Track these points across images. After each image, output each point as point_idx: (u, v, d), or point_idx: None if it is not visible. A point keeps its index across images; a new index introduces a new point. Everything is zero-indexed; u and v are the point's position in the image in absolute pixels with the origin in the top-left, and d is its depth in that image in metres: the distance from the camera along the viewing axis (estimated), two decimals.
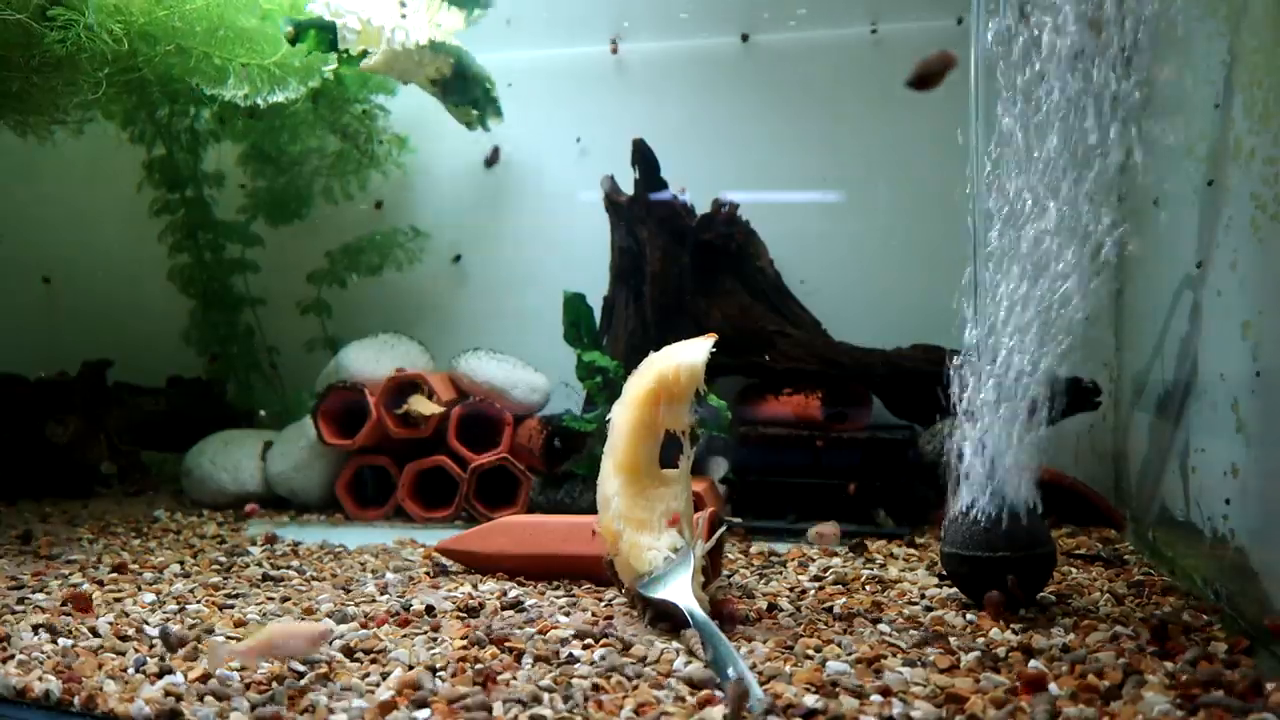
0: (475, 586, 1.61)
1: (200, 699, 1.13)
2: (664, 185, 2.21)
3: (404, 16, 2.08)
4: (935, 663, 1.21)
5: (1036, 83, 1.35)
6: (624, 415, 1.46)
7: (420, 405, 2.18)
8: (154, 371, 2.66)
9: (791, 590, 1.58)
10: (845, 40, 2.37)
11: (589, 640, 1.31)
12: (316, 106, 2.37)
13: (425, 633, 1.36)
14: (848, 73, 2.37)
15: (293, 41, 2.04)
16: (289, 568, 1.76)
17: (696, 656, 1.23)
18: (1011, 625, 1.35)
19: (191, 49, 1.97)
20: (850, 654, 1.24)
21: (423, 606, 1.47)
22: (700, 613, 1.30)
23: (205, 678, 1.19)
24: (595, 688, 1.14)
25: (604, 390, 2.07)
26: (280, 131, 2.48)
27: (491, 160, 2.54)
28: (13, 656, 1.27)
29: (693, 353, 1.42)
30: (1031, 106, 1.36)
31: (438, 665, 1.22)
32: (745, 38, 2.42)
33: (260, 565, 1.78)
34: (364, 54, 2.11)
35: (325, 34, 2.07)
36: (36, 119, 2.08)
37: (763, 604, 1.48)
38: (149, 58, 1.94)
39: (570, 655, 1.25)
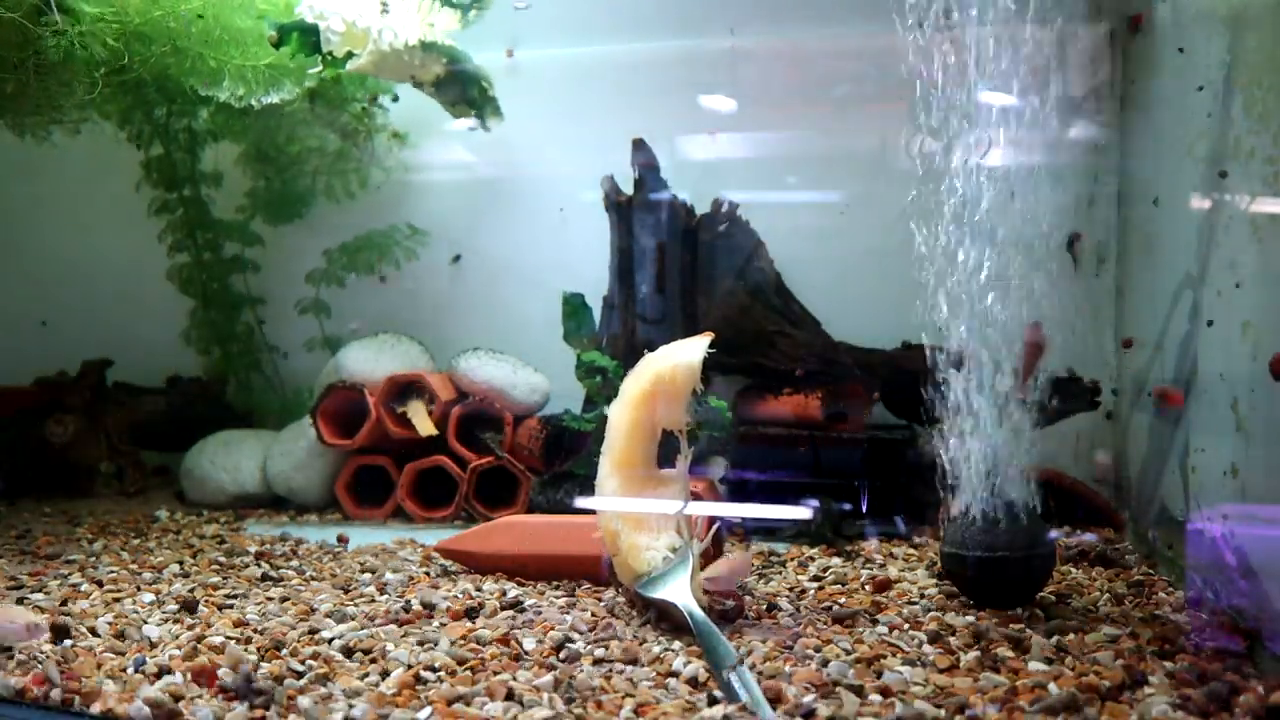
0: (478, 587, 1.61)
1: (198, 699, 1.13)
2: (664, 185, 2.21)
3: (385, 12, 2.07)
4: (935, 663, 1.21)
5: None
6: (621, 414, 1.46)
7: (418, 417, 2.18)
8: (154, 371, 2.66)
9: (791, 590, 1.58)
10: (845, 41, 2.37)
11: (589, 640, 1.31)
12: (314, 105, 2.37)
13: (425, 633, 1.36)
14: (848, 73, 2.37)
15: (276, 45, 2.04)
16: (288, 567, 1.76)
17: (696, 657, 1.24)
18: (1011, 625, 1.35)
19: (186, 49, 1.97)
20: (850, 654, 1.24)
21: (422, 606, 1.47)
22: (700, 612, 1.30)
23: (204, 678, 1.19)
24: (595, 688, 1.14)
25: (603, 390, 2.07)
26: (278, 131, 2.48)
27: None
28: (13, 656, 1.27)
29: (689, 352, 1.42)
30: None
31: (437, 665, 1.22)
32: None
33: (259, 565, 1.78)
34: (349, 56, 2.10)
35: (308, 37, 2.06)
36: (33, 119, 2.09)
37: (763, 604, 1.48)
38: (145, 58, 1.94)
39: (570, 655, 1.25)
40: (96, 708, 1.13)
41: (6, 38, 1.74)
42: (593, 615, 1.43)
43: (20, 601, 1.52)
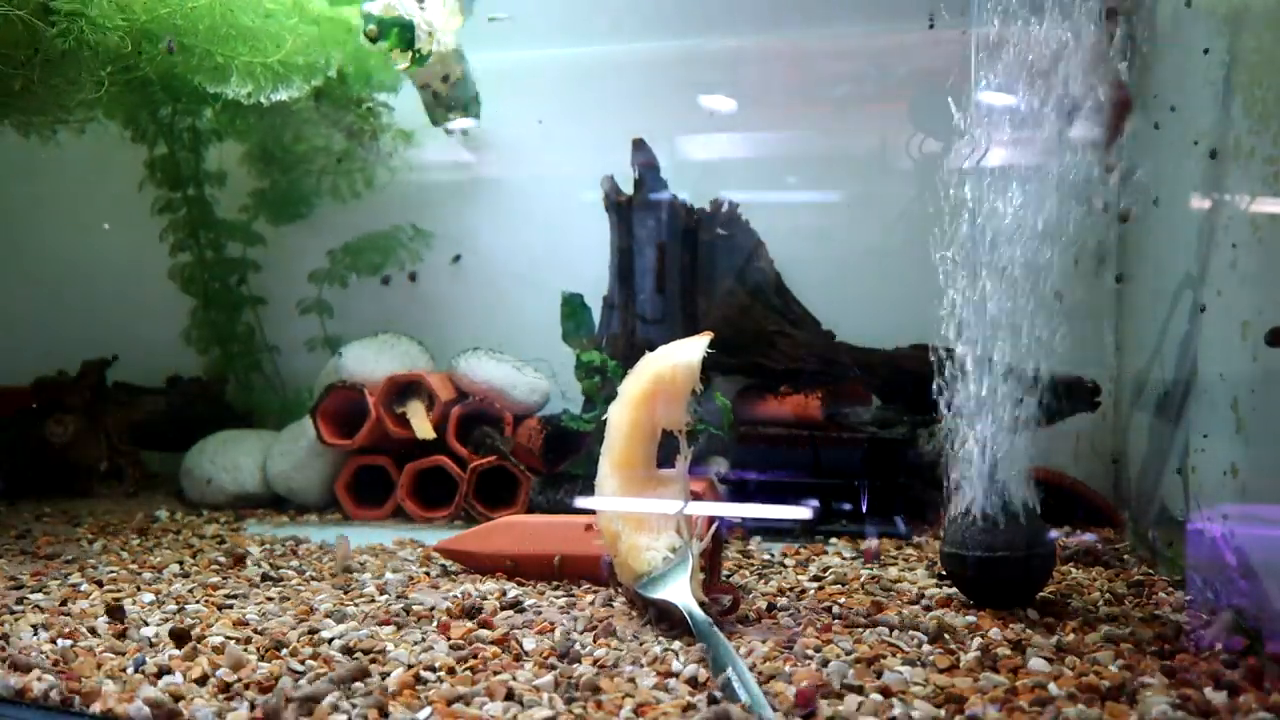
0: (476, 587, 1.61)
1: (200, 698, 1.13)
2: (664, 185, 2.21)
3: (421, 8, 2.09)
4: (935, 663, 1.21)
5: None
6: (621, 415, 1.46)
7: (417, 418, 2.18)
8: (154, 371, 2.66)
9: (791, 590, 1.58)
10: (844, 41, 2.37)
11: (589, 640, 1.31)
12: (320, 105, 2.37)
13: (425, 633, 1.36)
14: (846, 73, 2.38)
15: (374, 40, 2.06)
16: (288, 567, 1.76)
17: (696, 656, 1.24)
18: (1011, 625, 1.35)
19: (194, 47, 1.97)
20: (850, 654, 1.24)
21: (422, 607, 1.47)
22: (700, 613, 1.30)
23: (204, 678, 1.19)
24: (595, 688, 1.14)
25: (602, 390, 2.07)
26: (284, 130, 2.49)
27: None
28: (11, 656, 1.27)
29: (688, 351, 1.42)
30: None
31: (437, 665, 1.22)
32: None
33: (259, 565, 1.78)
34: (430, 54, 2.13)
35: (406, 32, 2.09)
36: (39, 119, 2.09)
37: (762, 604, 1.48)
38: (151, 56, 1.94)
39: (570, 655, 1.25)
40: (96, 708, 1.13)
41: (13, 35, 1.74)
42: (593, 615, 1.43)
43: (20, 601, 1.52)
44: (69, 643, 1.32)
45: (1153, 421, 1.83)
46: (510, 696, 1.12)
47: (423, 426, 2.17)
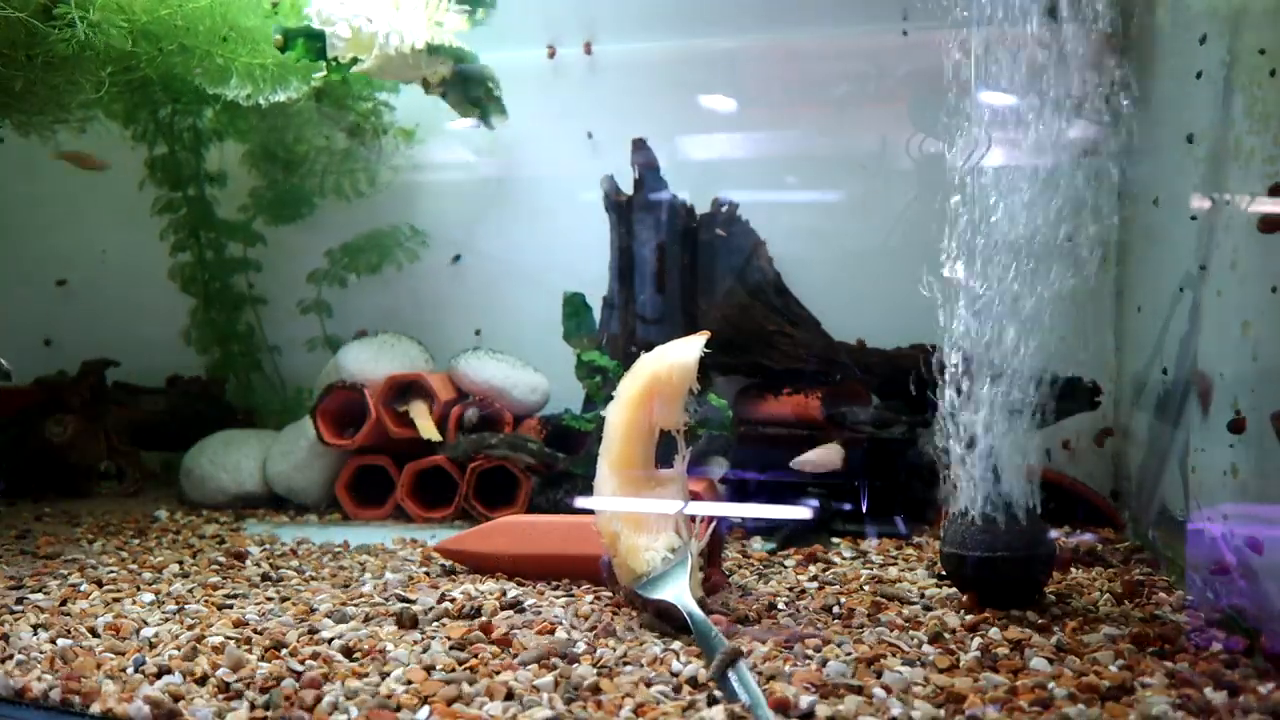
0: (476, 587, 1.61)
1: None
2: (664, 185, 2.21)
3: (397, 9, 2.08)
4: (935, 663, 1.21)
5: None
6: (618, 415, 1.46)
7: (420, 419, 2.17)
8: (154, 371, 2.66)
9: (791, 590, 1.58)
10: (843, 41, 2.37)
11: (588, 640, 1.31)
12: (321, 104, 2.37)
13: (425, 632, 1.36)
14: (848, 73, 2.38)
15: (281, 49, 2.04)
16: (288, 567, 1.76)
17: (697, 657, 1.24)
18: (1011, 625, 1.35)
19: (194, 48, 1.97)
20: (850, 654, 1.24)
21: (422, 607, 1.47)
22: (700, 613, 1.30)
23: (204, 678, 1.19)
24: (595, 688, 1.14)
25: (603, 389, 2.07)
26: (284, 130, 2.49)
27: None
28: (11, 656, 1.27)
29: (685, 351, 1.42)
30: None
31: (437, 665, 1.22)
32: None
33: (259, 565, 1.78)
34: (354, 61, 2.11)
35: (314, 42, 2.07)
36: (39, 118, 2.09)
37: (763, 604, 1.48)
38: (151, 57, 1.95)
39: (570, 655, 1.25)
40: (96, 708, 1.13)
41: (14, 36, 1.74)
42: (593, 615, 1.42)
43: (20, 601, 1.52)
44: (69, 642, 1.32)
45: (1153, 421, 1.83)
46: (510, 696, 1.12)
47: (427, 427, 2.17)
